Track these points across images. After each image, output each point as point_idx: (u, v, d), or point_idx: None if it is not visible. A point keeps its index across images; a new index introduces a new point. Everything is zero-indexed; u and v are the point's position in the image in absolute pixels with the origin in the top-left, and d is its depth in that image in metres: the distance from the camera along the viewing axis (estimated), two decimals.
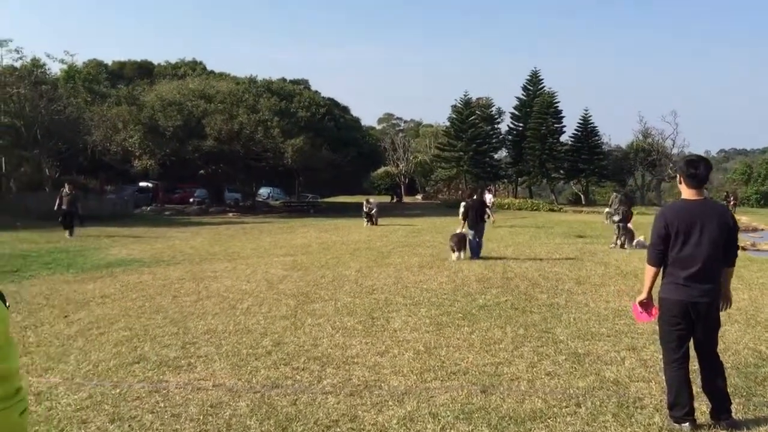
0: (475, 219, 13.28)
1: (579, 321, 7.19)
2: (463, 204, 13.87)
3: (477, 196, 14.69)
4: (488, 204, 18.99)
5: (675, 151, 54.17)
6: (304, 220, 29.26)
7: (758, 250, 17.37)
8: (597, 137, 51.28)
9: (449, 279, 10.22)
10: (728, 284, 4.21)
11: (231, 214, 33.60)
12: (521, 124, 52.34)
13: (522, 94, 53.34)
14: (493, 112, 54.62)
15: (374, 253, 14.23)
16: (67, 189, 19.16)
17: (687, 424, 3.99)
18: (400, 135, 74.74)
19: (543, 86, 52.55)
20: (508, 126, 54.23)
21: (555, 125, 49.83)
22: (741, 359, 5.66)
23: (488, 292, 8.98)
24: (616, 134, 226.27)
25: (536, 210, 39.59)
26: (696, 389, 4.19)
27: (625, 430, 4.08)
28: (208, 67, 51.02)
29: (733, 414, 4.14)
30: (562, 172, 51.38)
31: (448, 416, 4.29)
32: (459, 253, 12.75)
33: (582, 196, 53.18)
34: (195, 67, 48.88)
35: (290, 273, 11.04)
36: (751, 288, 9.53)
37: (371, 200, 26.07)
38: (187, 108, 32.87)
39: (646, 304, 4.30)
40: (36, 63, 33.67)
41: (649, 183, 59.74)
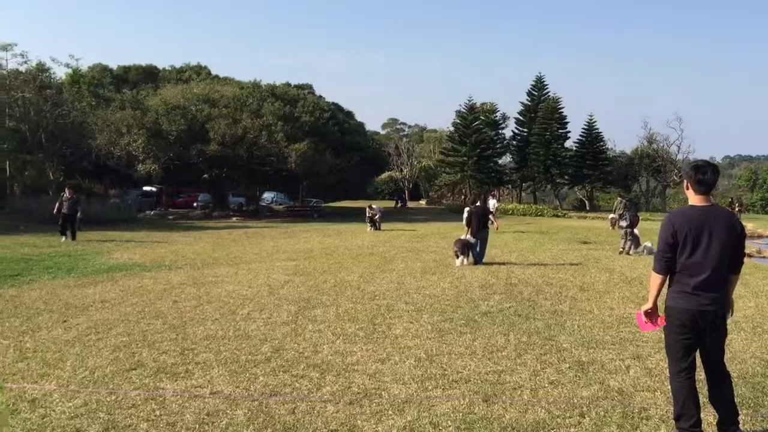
0: (478, 226, 13.01)
1: (583, 328, 7.09)
2: (467, 210, 13.74)
3: (480, 202, 14.45)
4: (492, 210, 18.86)
5: (680, 157, 53.98)
6: (307, 225, 29.22)
7: (764, 257, 17.25)
8: (602, 143, 51.12)
9: (452, 285, 10.14)
10: (732, 291, 4.11)
11: (234, 219, 33.61)
12: (525, 130, 52.32)
13: (527, 100, 53.40)
14: (498, 118, 54.63)
15: (377, 259, 14.15)
16: (68, 193, 19.14)
17: None
18: (405, 140, 74.97)
19: (548, 91, 52.64)
20: (513, 131, 54.36)
21: (559, 131, 49.79)
22: (748, 368, 5.56)
23: (491, 299, 8.90)
24: (621, 140, 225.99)
25: (540, 215, 39.53)
26: (702, 399, 4.09)
27: None
28: (213, 72, 51.13)
29: (741, 425, 4.04)
30: (567, 178, 51.27)
31: (449, 426, 4.20)
32: (462, 258, 12.67)
33: (586, 202, 53.02)
34: (200, 72, 48.92)
35: (292, 278, 10.97)
36: (758, 296, 9.42)
37: (374, 206, 26.05)
38: (191, 112, 32.93)
39: (652, 314, 4.18)
40: (41, 67, 33.84)
41: (654, 189, 59.55)
